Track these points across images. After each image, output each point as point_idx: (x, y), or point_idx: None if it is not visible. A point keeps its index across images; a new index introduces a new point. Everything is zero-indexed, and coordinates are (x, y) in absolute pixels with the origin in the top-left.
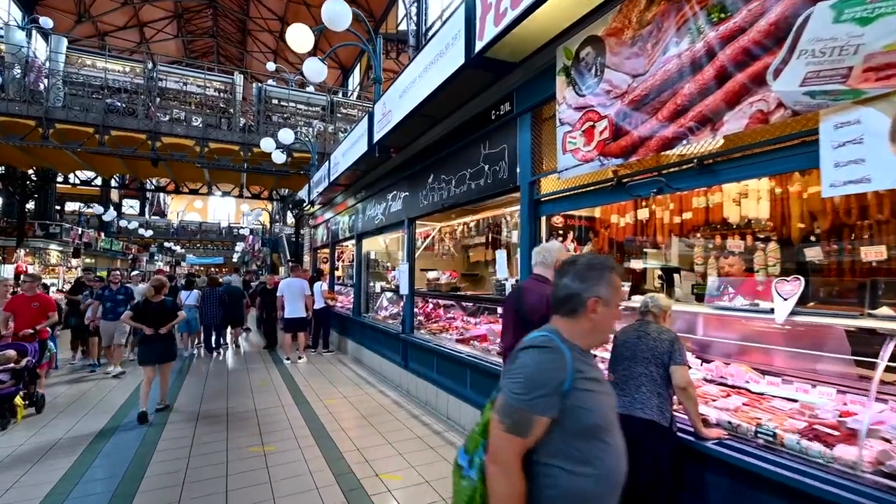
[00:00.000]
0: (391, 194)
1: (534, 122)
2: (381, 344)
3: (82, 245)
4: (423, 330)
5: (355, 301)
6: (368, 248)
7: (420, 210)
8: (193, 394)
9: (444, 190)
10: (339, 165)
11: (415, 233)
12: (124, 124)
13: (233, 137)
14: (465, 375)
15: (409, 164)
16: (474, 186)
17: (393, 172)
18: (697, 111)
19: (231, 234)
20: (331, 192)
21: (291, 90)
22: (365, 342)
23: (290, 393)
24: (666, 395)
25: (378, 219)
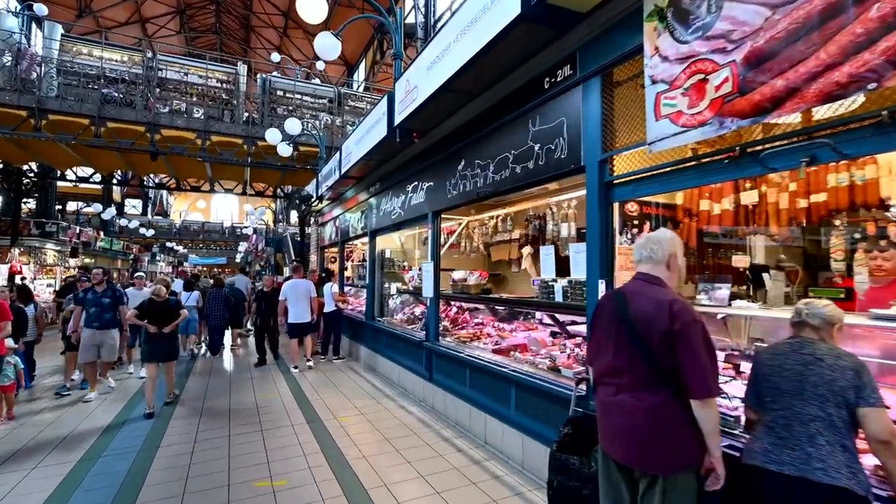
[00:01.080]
0: (411, 185)
1: (604, 87)
2: (400, 352)
3: (80, 245)
4: (450, 337)
5: (368, 304)
6: (382, 247)
7: (447, 202)
8: (192, 407)
9: (478, 177)
10: (351, 156)
11: (440, 228)
12: (121, 115)
13: (236, 130)
14: (509, 393)
15: (434, 151)
16: (520, 170)
17: (414, 161)
18: (891, 43)
19: (234, 233)
20: (341, 185)
21: (297, 81)
22: (380, 349)
23: (300, 408)
24: (853, 448)
25: (395, 213)
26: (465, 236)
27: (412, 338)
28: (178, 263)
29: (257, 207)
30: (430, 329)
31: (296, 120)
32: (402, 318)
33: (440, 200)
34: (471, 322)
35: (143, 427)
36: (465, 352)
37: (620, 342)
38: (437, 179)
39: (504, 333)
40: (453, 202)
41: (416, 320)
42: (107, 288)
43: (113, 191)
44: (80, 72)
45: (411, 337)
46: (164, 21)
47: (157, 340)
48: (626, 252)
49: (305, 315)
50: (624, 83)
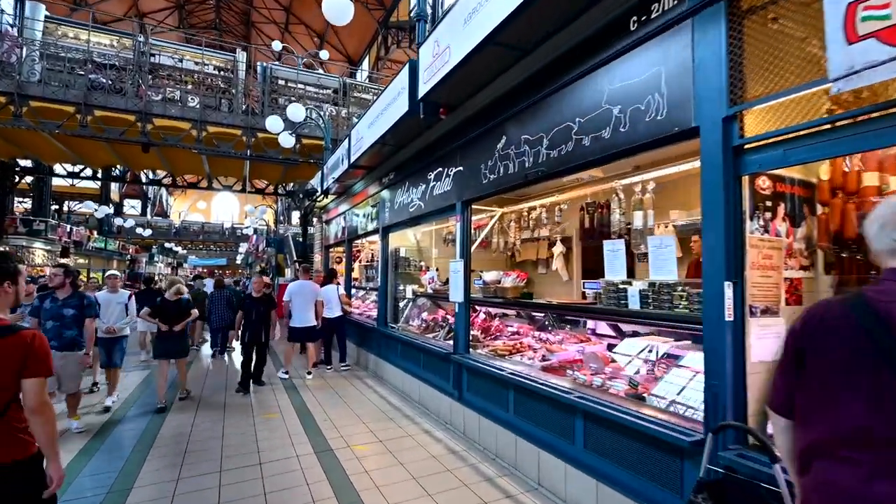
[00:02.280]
0: (434, 172)
1: (731, 19)
2: (420, 364)
3: (71, 244)
4: (483, 349)
5: (380, 308)
6: (396, 245)
7: (481, 189)
8: (179, 434)
9: (526, 156)
10: (362, 141)
11: (470, 221)
12: (110, 103)
13: (234, 120)
14: (573, 425)
15: (465, 129)
16: (589, 142)
17: (439, 144)
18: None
19: (234, 234)
20: (349, 177)
21: (300, 71)
22: (394, 359)
23: (306, 432)
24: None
25: (414, 206)
26: (497, 231)
27: (435, 349)
28: (177, 265)
29: (257, 206)
30: (458, 339)
31: (299, 105)
32: (420, 324)
33: (472, 188)
34: (504, 331)
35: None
36: (507, 368)
37: (880, 388)
38: (468, 163)
39: (551, 346)
40: (489, 189)
41: (437, 328)
42: (71, 295)
43: (111, 190)
44: (64, 56)
45: (434, 348)
46: (162, 16)
47: (169, 338)
48: (760, 244)
49: (311, 319)
50: (759, 10)
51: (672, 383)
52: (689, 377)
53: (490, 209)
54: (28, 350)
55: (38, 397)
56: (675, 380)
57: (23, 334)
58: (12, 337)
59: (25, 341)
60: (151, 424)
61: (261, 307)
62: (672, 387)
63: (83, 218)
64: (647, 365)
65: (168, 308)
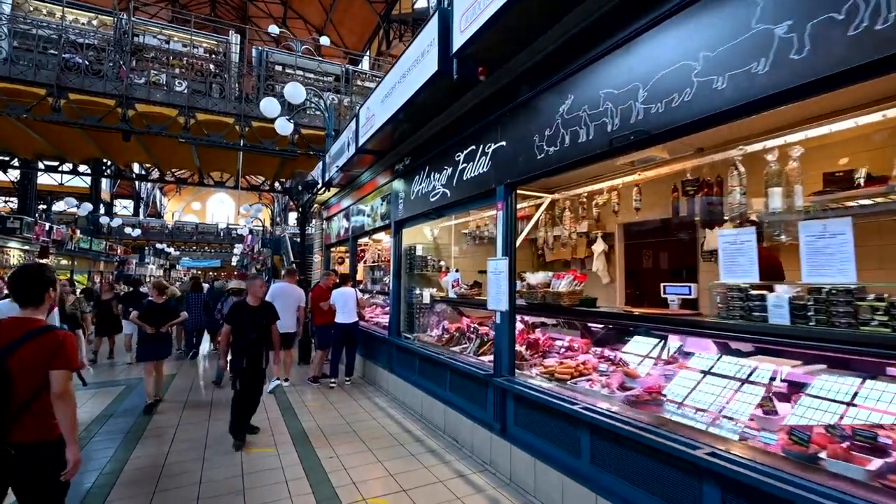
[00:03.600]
0: (465, 152)
1: None
2: (446, 385)
3: (50, 243)
4: (530, 369)
5: (392, 315)
6: (410, 242)
7: (536, 166)
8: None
9: (609, 116)
10: (373, 120)
11: (514, 209)
12: (86, 85)
13: (226, 107)
14: (700, 494)
15: (510, 92)
16: (724, 84)
17: (472, 115)
18: None
19: (230, 235)
20: (355, 166)
21: (299, 56)
22: (410, 377)
23: (307, 474)
24: None
25: (436, 194)
26: (545, 223)
27: (468, 368)
28: (169, 266)
29: (253, 204)
30: (500, 358)
31: (298, 85)
32: (440, 335)
33: (520, 166)
34: (553, 345)
35: None
36: (577, 399)
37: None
38: (514, 136)
39: (627, 369)
40: (546, 166)
41: (463, 339)
42: None
43: (101, 189)
44: (36, 33)
45: (466, 366)
46: (154, 10)
47: (153, 340)
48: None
49: (291, 325)
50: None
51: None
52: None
53: (539, 195)
54: (59, 346)
55: (62, 386)
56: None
57: (57, 333)
58: (49, 335)
59: (58, 339)
60: (116, 459)
61: (261, 320)
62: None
63: (72, 218)
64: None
65: (154, 310)
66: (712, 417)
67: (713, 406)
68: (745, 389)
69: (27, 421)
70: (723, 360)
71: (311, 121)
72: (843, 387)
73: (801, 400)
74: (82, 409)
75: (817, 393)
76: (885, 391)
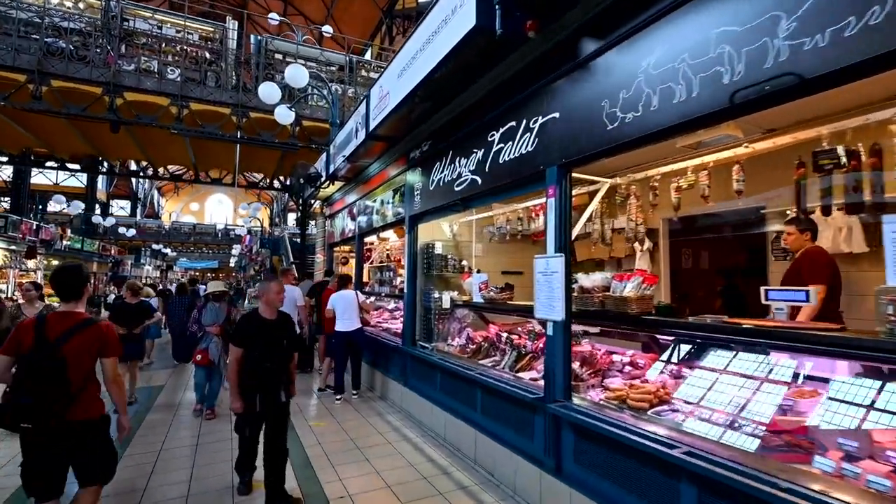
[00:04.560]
0: (502, 130)
1: None
2: (477, 406)
3: (38, 243)
4: (591, 391)
5: (407, 321)
6: (426, 239)
7: (604, 139)
8: None
9: (726, 64)
10: (387, 100)
11: (568, 194)
12: (70, 71)
13: (222, 97)
14: None
15: (567, 50)
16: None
17: (509, 87)
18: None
19: (228, 236)
20: (364, 155)
21: (301, 45)
22: (429, 393)
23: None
24: None
25: (463, 182)
26: (599, 214)
27: (509, 389)
28: (166, 268)
29: (251, 203)
30: (553, 378)
31: (300, 67)
32: (464, 345)
33: (579, 141)
34: (619, 364)
35: None
36: (675, 441)
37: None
38: (570, 105)
39: (747, 399)
40: (613, 140)
41: (493, 350)
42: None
43: (97, 189)
44: (15, 16)
45: (506, 387)
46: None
47: (126, 341)
48: None
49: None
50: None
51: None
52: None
53: (596, 179)
54: (103, 336)
55: (113, 371)
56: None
57: (100, 324)
58: (93, 326)
59: (102, 330)
60: None
61: (280, 339)
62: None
63: (67, 218)
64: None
65: (126, 311)
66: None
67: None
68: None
69: (79, 403)
70: (888, 390)
71: (314, 112)
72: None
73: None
74: None
75: None
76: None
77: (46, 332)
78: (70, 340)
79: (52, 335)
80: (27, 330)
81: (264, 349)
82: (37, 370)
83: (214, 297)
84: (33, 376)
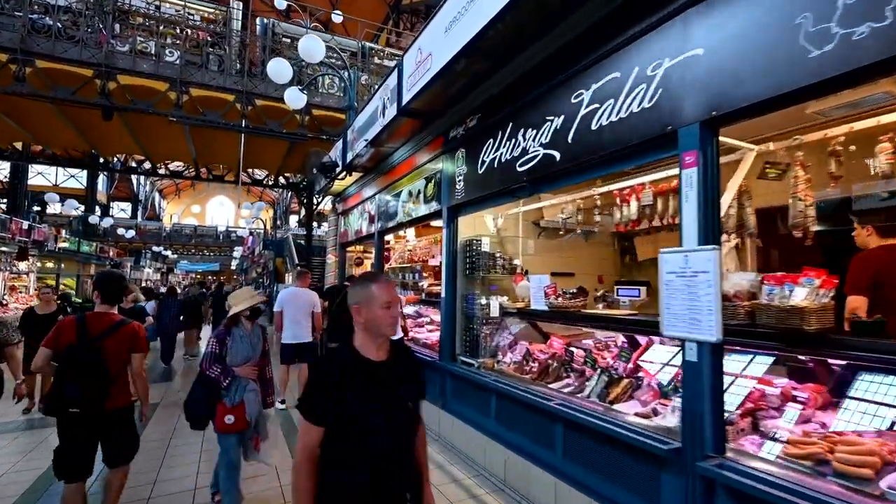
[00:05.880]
0: (595, 86)
1: None
2: (560, 450)
3: (30, 243)
4: (743, 439)
5: (445, 332)
6: (467, 235)
7: (800, 74)
8: None
9: None
10: (429, 62)
11: (718, 163)
12: (58, 51)
13: (225, 82)
14: None
15: None
16: None
17: (612, 22)
18: None
19: (229, 238)
20: (387, 139)
21: (310, 29)
22: (481, 422)
23: None
24: None
25: (530, 159)
26: (743, 194)
27: (618, 432)
28: (167, 270)
29: (254, 202)
30: (699, 423)
31: (316, 38)
32: (521, 362)
33: (745, 85)
34: (763, 395)
35: None
36: None
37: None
38: (728, 33)
39: None
40: (813, 73)
41: (565, 371)
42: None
43: (98, 191)
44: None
45: (613, 429)
46: None
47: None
48: None
49: (304, 334)
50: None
51: None
52: None
53: (736, 145)
54: (135, 335)
55: (141, 366)
56: None
57: (132, 324)
58: (127, 326)
59: (134, 329)
60: None
61: (402, 392)
62: None
63: (67, 220)
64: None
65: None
66: None
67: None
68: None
69: (114, 392)
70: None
71: (324, 100)
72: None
73: None
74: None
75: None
76: None
77: (88, 330)
78: (109, 338)
79: (93, 332)
80: (68, 327)
81: (380, 424)
82: (79, 363)
83: (244, 316)
84: (76, 368)
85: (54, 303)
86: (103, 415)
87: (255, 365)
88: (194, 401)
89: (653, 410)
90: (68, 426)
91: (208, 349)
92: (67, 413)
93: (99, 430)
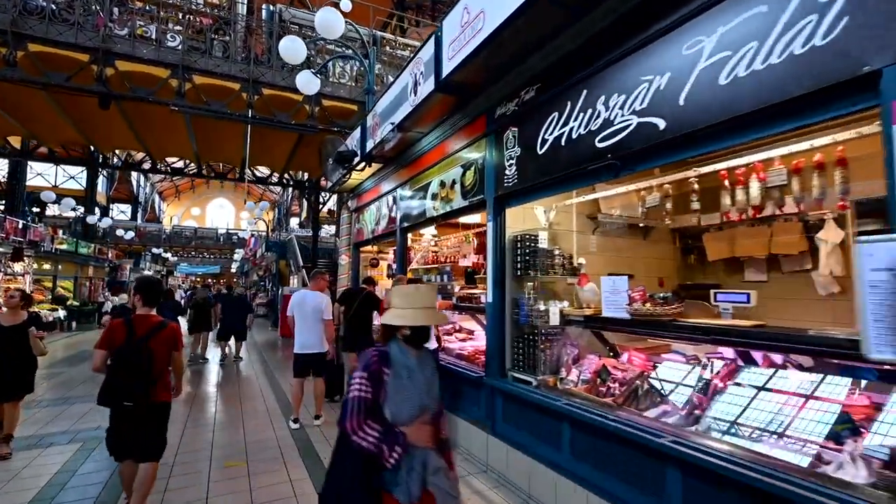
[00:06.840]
0: (723, 29)
1: None
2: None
3: (25, 244)
4: None
5: (491, 342)
6: (515, 230)
7: None
8: None
9: None
10: (480, 21)
11: None
12: (51, 34)
13: (231, 69)
14: None
15: None
16: None
17: None
18: None
19: (230, 240)
20: (419, 122)
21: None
22: (547, 455)
23: None
24: None
25: (618, 130)
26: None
27: (788, 490)
28: (166, 273)
29: (258, 202)
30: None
31: (335, 12)
32: (595, 381)
33: None
34: None
35: None
36: None
37: None
38: None
39: None
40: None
41: (655, 396)
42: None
43: (97, 192)
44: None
45: (771, 482)
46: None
47: None
48: None
49: (315, 343)
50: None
51: None
52: None
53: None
54: (175, 335)
55: (180, 362)
56: None
57: (172, 325)
58: (168, 327)
59: (174, 329)
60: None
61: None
62: None
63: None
64: None
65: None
66: None
67: None
68: None
69: (158, 387)
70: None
71: (335, 90)
72: None
73: None
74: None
75: None
76: None
77: (136, 330)
78: (152, 338)
79: (139, 333)
80: (119, 329)
81: None
82: (129, 361)
83: (404, 335)
84: (126, 366)
85: (22, 311)
86: (150, 406)
87: (432, 421)
88: (340, 496)
89: (817, 457)
90: (120, 418)
91: (353, 392)
92: (121, 406)
93: (144, 419)
